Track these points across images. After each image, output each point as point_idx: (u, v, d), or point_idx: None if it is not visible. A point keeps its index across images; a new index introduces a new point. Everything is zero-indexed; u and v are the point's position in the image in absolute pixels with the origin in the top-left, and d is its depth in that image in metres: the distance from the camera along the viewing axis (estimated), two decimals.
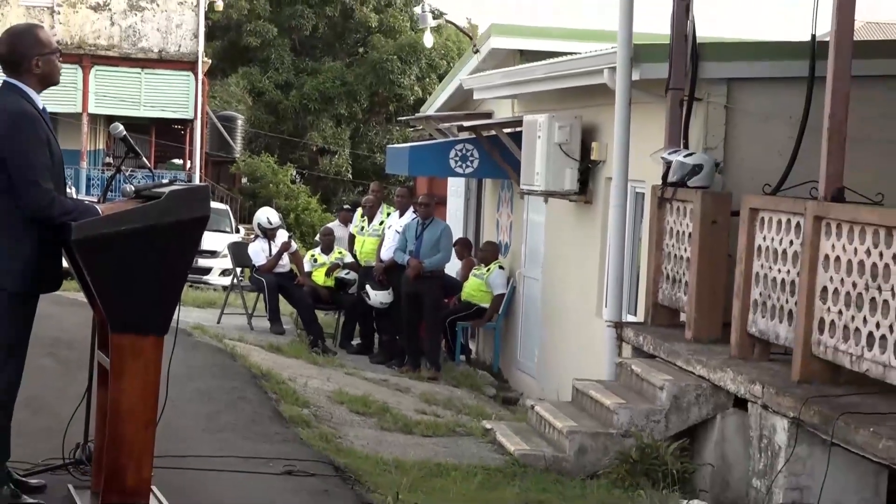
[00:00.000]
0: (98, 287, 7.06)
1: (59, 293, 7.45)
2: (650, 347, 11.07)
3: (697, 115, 11.59)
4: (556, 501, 8.82)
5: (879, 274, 7.97)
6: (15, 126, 6.93)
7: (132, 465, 7.05)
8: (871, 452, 7.57)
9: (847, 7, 8.91)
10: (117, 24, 39.88)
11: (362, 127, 56.24)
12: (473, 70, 20.49)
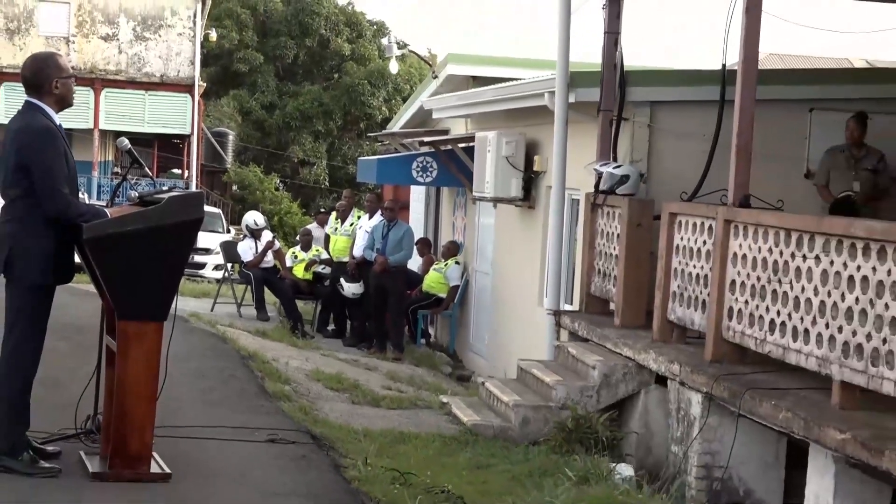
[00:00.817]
0: (106, 279, 7.09)
1: (72, 284, 7.41)
2: (584, 332, 11.10)
3: (625, 133, 11.63)
4: (503, 465, 8.81)
5: (780, 269, 8.03)
6: (38, 140, 6.94)
7: (136, 435, 7.07)
8: (772, 422, 7.62)
9: (752, 41, 8.97)
10: (124, 52, 39.74)
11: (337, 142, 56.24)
12: (433, 93, 20.51)
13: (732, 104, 9.16)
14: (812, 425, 7.03)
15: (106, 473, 7.04)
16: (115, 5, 39.76)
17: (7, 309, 7.03)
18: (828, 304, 7.37)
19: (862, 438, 6.50)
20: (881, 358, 6.78)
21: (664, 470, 8.96)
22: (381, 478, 7.63)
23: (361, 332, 17.44)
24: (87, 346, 7.96)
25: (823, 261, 7.47)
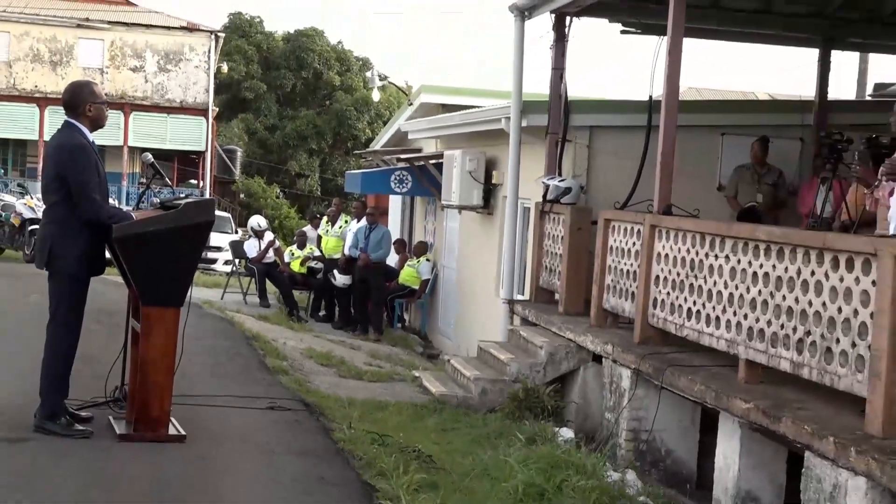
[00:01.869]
0: (132, 272, 7.09)
1: (104, 276, 7.39)
2: (533, 318, 11.10)
3: (568, 152, 11.62)
4: (465, 429, 8.82)
5: (696, 266, 8.05)
6: (73, 155, 6.92)
7: (156, 402, 7.07)
8: (689, 394, 7.64)
9: (674, 76, 8.98)
10: (150, 81, 39.65)
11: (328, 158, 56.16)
12: (408, 118, 20.52)
13: (657, 129, 9.18)
14: (722, 396, 7.06)
15: (131, 435, 7.03)
16: (142, 42, 39.68)
17: (50, 297, 7.06)
18: (735, 296, 7.41)
19: (763, 407, 6.53)
20: (779, 341, 6.82)
21: (599, 433, 8.97)
22: (362, 439, 7.62)
23: (347, 317, 17.43)
24: (116, 328, 7.93)
25: (732, 260, 7.50)
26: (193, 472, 6.55)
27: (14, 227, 20.05)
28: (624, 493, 7.06)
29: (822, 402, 6.45)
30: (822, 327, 6.35)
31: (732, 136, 12.00)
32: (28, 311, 11.25)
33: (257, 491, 6.33)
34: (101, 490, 6.06)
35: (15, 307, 12.79)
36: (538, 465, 7.10)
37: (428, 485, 6.52)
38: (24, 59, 38.64)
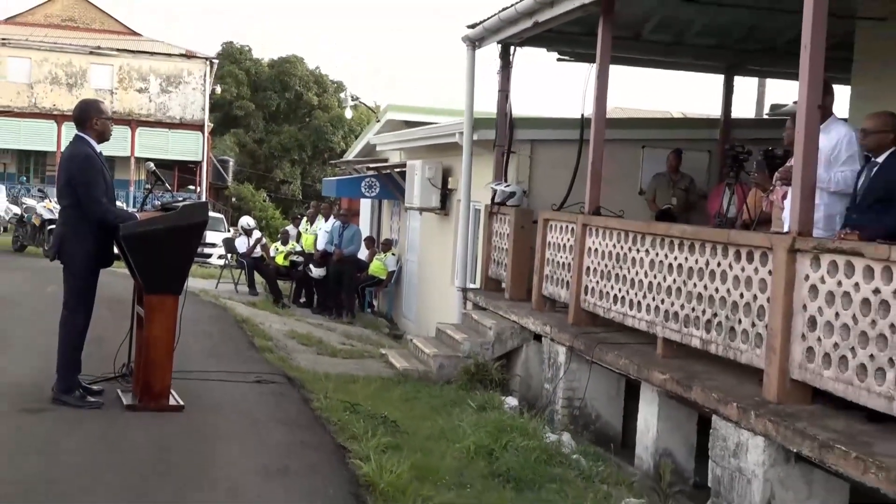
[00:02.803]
0: (136, 265, 7.04)
1: (112, 269, 7.32)
2: (483, 303, 11.12)
3: (513, 162, 11.64)
4: (425, 398, 8.83)
5: (621, 259, 8.09)
6: (83, 165, 6.89)
7: (158, 377, 7.02)
8: (615, 367, 7.68)
9: (602, 98, 9.01)
10: (153, 101, 39.38)
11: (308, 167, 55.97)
12: (376, 132, 20.49)
13: (588, 142, 9.20)
14: (643, 369, 7.11)
15: (136, 405, 6.97)
16: (146, 67, 39.41)
17: (64, 287, 7.01)
18: (654, 284, 7.45)
19: (677, 378, 6.58)
20: (691, 321, 6.87)
21: (539, 401, 9.01)
22: (336, 407, 7.59)
23: (324, 303, 17.39)
24: (123, 313, 7.87)
25: (651, 253, 7.55)
26: (191, 437, 6.51)
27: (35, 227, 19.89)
28: (560, 452, 7.10)
29: (727, 374, 6.51)
30: (726, 310, 6.41)
31: (651, 148, 12.09)
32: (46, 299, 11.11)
33: (246, 453, 6.29)
34: (111, 453, 6.02)
35: (34, 296, 12.64)
36: (487, 429, 7.13)
37: (393, 446, 6.51)
38: (44, 81, 38.25)
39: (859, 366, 5.11)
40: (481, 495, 5.69)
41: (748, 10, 10.46)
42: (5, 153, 39.23)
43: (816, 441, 5.01)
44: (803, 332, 5.57)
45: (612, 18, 8.87)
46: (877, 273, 5.02)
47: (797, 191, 5.82)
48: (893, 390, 4.85)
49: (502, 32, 10.82)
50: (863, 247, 5.19)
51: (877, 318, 4.99)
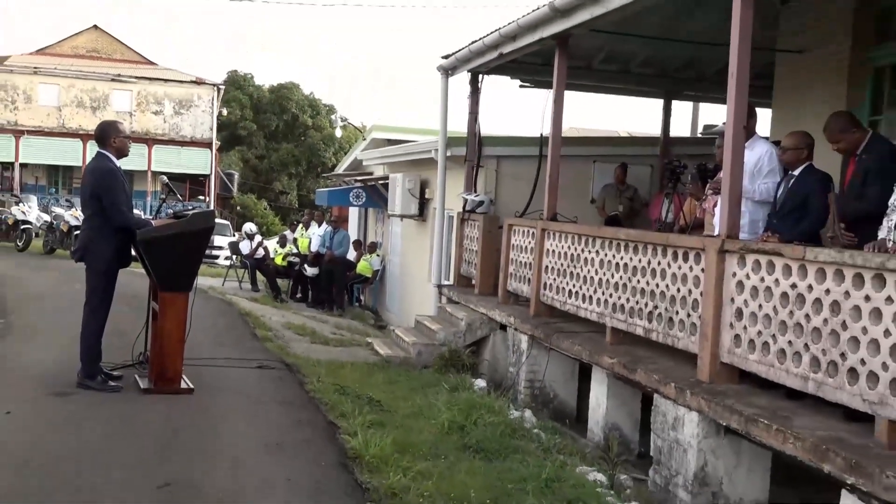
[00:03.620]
0: (152, 265, 6.99)
1: (130, 269, 7.27)
2: (456, 298, 11.11)
3: (481, 175, 11.64)
4: (406, 380, 8.79)
5: (575, 259, 8.10)
6: (105, 178, 6.86)
7: (171, 364, 6.98)
8: (570, 352, 7.70)
9: (558, 119, 9.02)
10: (168, 122, 39.05)
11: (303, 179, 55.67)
12: (363, 149, 20.46)
13: (546, 158, 9.21)
14: (594, 354, 7.13)
15: (152, 389, 6.94)
16: (161, 92, 39.10)
17: (87, 285, 6.96)
18: (603, 280, 7.47)
19: (623, 362, 6.60)
20: (635, 313, 6.89)
21: (504, 382, 9.01)
22: (328, 389, 7.57)
23: (318, 298, 17.33)
24: (140, 308, 7.80)
25: (601, 254, 7.56)
26: (200, 416, 6.47)
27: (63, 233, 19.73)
28: (522, 426, 7.10)
29: (666, 358, 6.53)
30: (666, 303, 6.44)
31: (601, 163, 12.12)
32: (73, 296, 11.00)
33: (249, 430, 6.26)
34: (129, 430, 5.98)
35: (63, 293, 12.50)
36: (459, 407, 7.12)
37: (377, 423, 6.50)
38: (71, 104, 37.93)
39: (779, 350, 5.14)
40: (454, 465, 5.68)
41: (683, 44, 10.53)
42: (37, 168, 38.88)
43: (743, 416, 5.04)
44: (731, 322, 5.60)
45: (567, 51, 8.89)
46: (794, 270, 5.06)
47: (726, 199, 5.85)
48: (808, 371, 4.89)
49: (472, 62, 10.83)
50: (782, 248, 5.22)
51: (794, 309, 5.03)
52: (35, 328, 9.73)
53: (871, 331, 4.45)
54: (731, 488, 5.42)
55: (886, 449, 4.29)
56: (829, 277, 4.77)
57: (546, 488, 5.35)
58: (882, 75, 8.15)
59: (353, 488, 5.13)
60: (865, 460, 4.13)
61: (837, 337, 4.67)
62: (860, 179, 5.43)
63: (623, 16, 7.57)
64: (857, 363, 4.53)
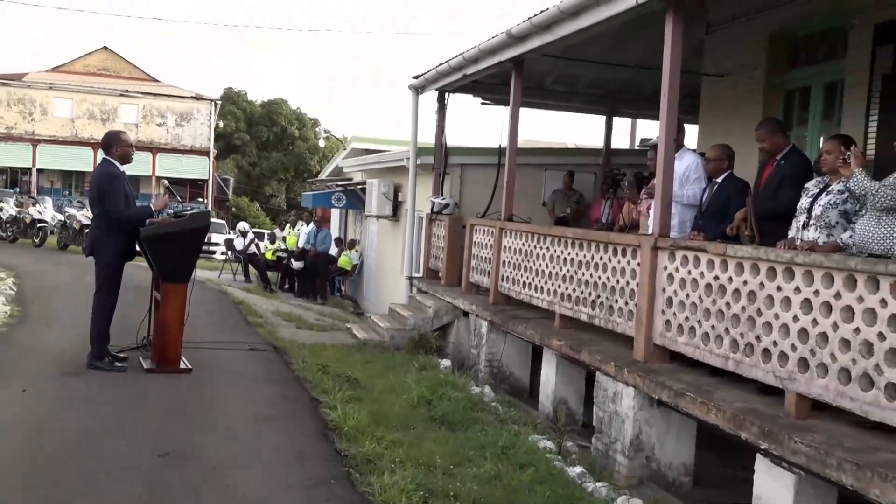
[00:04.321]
0: (154, 259, 6.91)
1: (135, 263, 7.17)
2: (425, 288, 11.08)
3: (447, 181, 11.62)
4: (380, 361, 8.75)
5: (528, 254, 8.12)
6: (107, 181, 6.77)
7: (171, 346, 6.89)
8: (524, 336, 7.72)
9: (514, 132, 9.02)
10: (170, 132, 38.50)
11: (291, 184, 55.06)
12: (344, 157, 20.38)
13: (504, 166, 9.21)
14: (544, 337, 7.15)
15: (154, 369, 6.85)
16: (164, 106, 38.57)
17: (96, 277, 6.84)
18: (552, 273, 7.49)
19: (570, 344, 6.63)
20: (580, 301, 6.93)
21: (467, 362, 9.01)
22: (311, 369, 7.53)
23: (303, 289, 17.20)
24: (143, 297, 7.69)
25: (551, 250, 7.59)
26: (197, 393, 6.40)
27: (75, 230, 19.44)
28: (482, 401, 7.10)
29: (607, 341, 6.57)
30: (607, 293, 6.47)
31: (551, 171, 12.15)
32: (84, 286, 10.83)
33: (241, 404, 6.20)
34: (134, 405, 5.89)
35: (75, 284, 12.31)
36: (427, 384, 7.12)
37: (355, 398, 6.47)
38: (83, 117, 37.29)
39: (704, 334, 5.19)
40: (422, 435, 5.67)
41: (622, 68, 10.61)
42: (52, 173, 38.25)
43: (672, 390, 5.08)
44: (663, 309, 5.64)
45: (522, 73, 8.90)
46: (716, 265, 5.11)
47: (658, 203, 5.90)
48: (729, 352, 4.94)
49: (439, 82, 10.80)
50: (706, 245, 5.28)
51: (716, 298, 5.08)
52: (50, 316, 9.56)
53: (782, 317, 4.52)
54: (662, 453, 5.47)
55: (794, 419, 4.35)
56: (747, 271, 4.83)
57: (502, 454, 5.36)
58: (792, 97, 8.27)
59: (333, 455, 5.10)
60: (776, 428, 4.19)
61: (753, 322, 4.73)
62: (776, 182, 5.48)
63: (569, 43, 7.59)
64: (770, 345, 4.59)
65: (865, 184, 4.36)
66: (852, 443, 3.93)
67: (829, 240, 4.76)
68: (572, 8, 6.69)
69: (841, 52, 7.50)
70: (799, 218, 4.98)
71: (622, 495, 4.94)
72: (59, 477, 4.39)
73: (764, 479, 4.25)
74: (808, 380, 4.29)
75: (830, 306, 4.17)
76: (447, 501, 4.26)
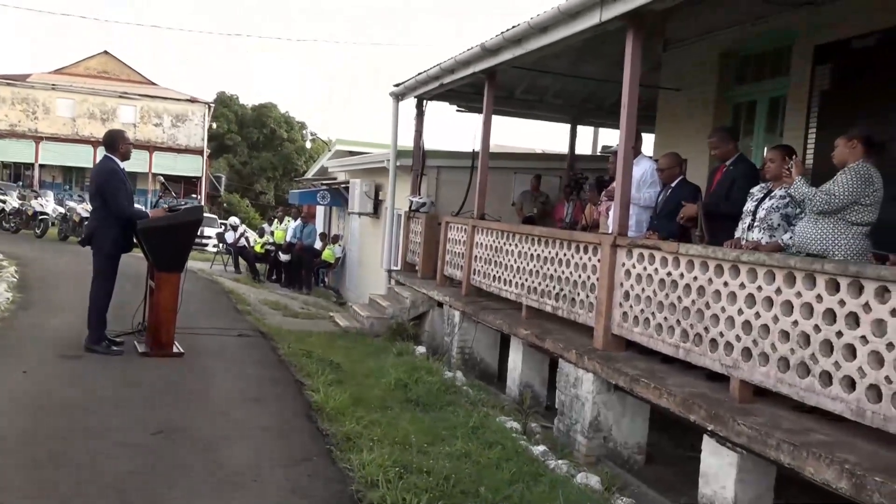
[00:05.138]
0: (150, 250, 6.80)
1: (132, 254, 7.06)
2: (403, 280, 11.03)
3: (424, 181, 11.58)
4: (361, 347, 8.71)
5: (498, 250, 8.13)
6: (108, 176, 6.65)
7: (164, 331, 6.79)
8: (493, 325, 7.72)
9: (486, 137, 9.02)
10: (166, 132, 37.91)
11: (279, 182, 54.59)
12: (329, 158, 20.27)
13: (477, 169, 9.21)
14: (512, 327, 7.16)
15: (148, 353, 6.75)
16: (161, 107, 37.98)
17: (94, 266, 6.73)
18: (520, 268, 7.51)
19: (535, 333, 6.65)
20: (545, 294, 6.95)
21: (440, 349, 9.00)
22: (296, 354, 7.48)
23: (289, 280, 17.09)
24: (139, 285, 7.58)
25: (519, 246, 7.60)
26: (189, 375, 6.32)
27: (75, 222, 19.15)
28: (454, 385, 7.11)
29: (570, 330, 6.60)
30: (570, 286, 6.50)
31: (520, 174, 12.20)
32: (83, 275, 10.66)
33: (230, 386, 6.14)
34: (130, 387, 5.80)
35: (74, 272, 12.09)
36: (404, 368, 7.10)
37: (336, 381, 6.44)
38: (84, 116, 36.62)
39: (657, 325, 5.24)
40: (399, 415, 5.66)
41: (586, 81, 10.65)
42: (54, 168, 37.55)
43: (628, 376, 5.12)
44: (620, 302, 5.68)
45: (494, 83, 8.90)
46: (669, 262, 5.15)
47: (617, 204, 5.93)
48: (679, 341, 4.99)
49: (418, 90, 10.77)
50: (660, 244, 5.32)
51: (669, 292, 5.12)
52: (50, 302, 9.39)
53: (728, 310, 4.57)
54: (619, 433, 5.51)
55: (738, 403, 4.40)
56: (697, 268, 4.87)
57: (472, 434, 5.36)
58: (740, 110, 8.35)
59: (316, 434, 5.07)
60: (722, 411, 4.24)
61: (702, 314, 4.78)
62: (726, 185, 5.54)
63: (538, 57, 7.60)
64: (717, 335, 4.64)
65: (804, 190, 4.42)
66: (790, 425, 3.99)
67: (772, 240, 4.82)
68: (541, 24, 6.70)
69: (784, 70, 7.60)
70: (744, 220, 5.03)
71: (581, 472, 4.97)
72: (58, 451, 4.31)
73: (710, 457, 4.30)
74: (750, 367, 4.34)
75: (772, 301, 4.22)
76: (421, 477, 4.25)
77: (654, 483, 4.99)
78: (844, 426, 3.83)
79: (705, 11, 8.07)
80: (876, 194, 4.26)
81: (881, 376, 3.53)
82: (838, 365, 3.76)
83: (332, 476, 4.32)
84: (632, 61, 5.71)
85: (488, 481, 4.35)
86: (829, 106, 6.92)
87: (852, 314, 3.71)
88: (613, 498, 4.60)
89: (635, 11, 5.52)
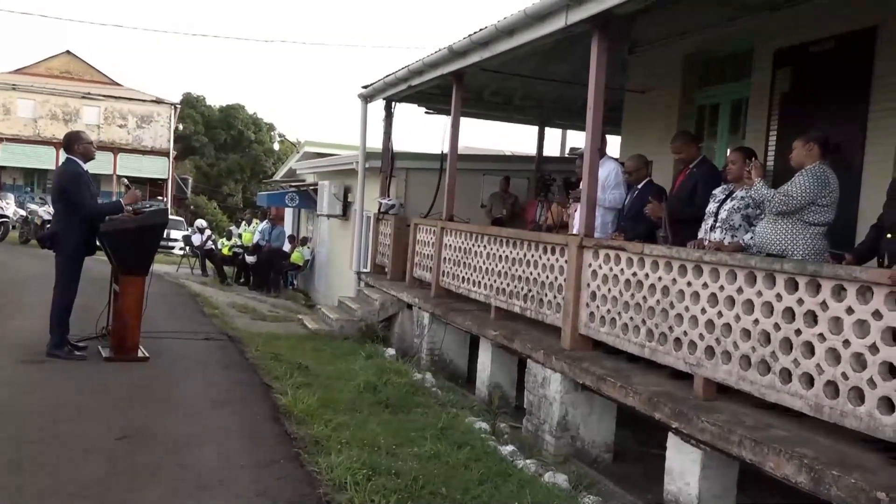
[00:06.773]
0: (114, 253, 6.71)
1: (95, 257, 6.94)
2: (372, 282, 11.02)
3: (393, 183, 11.57)
4: (330, 350, 8.66)
5: (467, 252, 8.15)
6: (72, 178, 6.53)
7: (129, 336, 6.69)
8: (462, 326, 7.74)
9: (455, 139, 9.03)
10: (131, 134, 37.32)
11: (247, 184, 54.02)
12: (297, 160, 20.12)
13: (445, 171, 9.22)
14: (481, 328, 7.18)
15: (112, 357, 6.64)
16: (125, 108, 37.38)
17: (56, 269, 6.61)
18: (489, 269, 7.54)
19: (504, 334, 6.68)
20: (514, 295, 6.99)
21: (410, 351, 9.00)
22: (264, 357, 7.42)
23: (258, 282, 16.93)
24: (103, 289, 7.45)
25: (488, 248, 7.63)
26: (155, 380, 6.23)
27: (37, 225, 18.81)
28: (424, 386, 7.11)
29: (538, 331, 6.64)
30: (538, 287, 6.55)
31: (489, 175, 12.24)
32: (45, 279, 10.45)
33: (197, 390, 6.07)
34: (93, 392, 5.70)
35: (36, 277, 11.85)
36: (373, 370, 7.09)
37: (305, 384, 6.40)
38: (46, 117, 35.86)
39: (623, 325, 5.30)
40: (368, 417, 5.65)
41: (554, 83, 10.73)
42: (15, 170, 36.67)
43: (595, 375, 5.17)
44: (587, 302, 5.74)
45: (462, 85, 8.94)
46: (634, 262, 5.23)
47: (584, 206, 5.99)
48: (645, 341, 5.06)
49: (386, 92, 10.76)
50: (626, 245, 5.38)
51: (634, 292, 5.19)
52: (10, 306, 9.19)
53: (691, 309, 4.64)
54: (586, 432, 5.57)
55: (701, 400, 4.48)
56: (661, 268, 4.95)
57: (441, 435, 5.37)
58: (703, 112, 8.49)
59: (283, 437, 5.03)
60: (686, 409, 4.31)
61: (667, 314, 4.85)
62: (689, 187, 5.63)
63: (505, 59, 7.65)
64: (681, 334, 4.71)
65: (764, 192, 4.52)
66: (752, 422, 4.07)
67: (733, 240, 4.91)
68: (508, 27, 6.74)
69: (747, 72, 7.74)
70: (707, 221, 5.13)
71: (549, 471, 5.01)
72: (20, 458, 4.23)
73: (675, 454, 4.36)
74: (713, 365, 4.42)
75: (733, 300, 4.31)
76: (389, 479, 4.25)
77: (621, 481, 5.05)
78: (804, 422, 3.92)
79: (670, 15, 8.20)
80: (832, 195, 4.37)
81: (838, 373, 3.62)
82: (797, 362, 3.85)
83: (300, 479, 4.30)
84: (597, 64, 5.78)
85: (457, 482, 4.37)
86: (788, 108, 7.07)
87: (810, 312, 3.80)
88: (581, 496, 4.65)
89: (601, 15, 5.59)
